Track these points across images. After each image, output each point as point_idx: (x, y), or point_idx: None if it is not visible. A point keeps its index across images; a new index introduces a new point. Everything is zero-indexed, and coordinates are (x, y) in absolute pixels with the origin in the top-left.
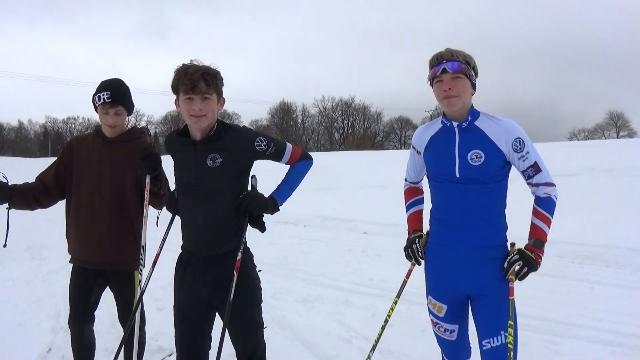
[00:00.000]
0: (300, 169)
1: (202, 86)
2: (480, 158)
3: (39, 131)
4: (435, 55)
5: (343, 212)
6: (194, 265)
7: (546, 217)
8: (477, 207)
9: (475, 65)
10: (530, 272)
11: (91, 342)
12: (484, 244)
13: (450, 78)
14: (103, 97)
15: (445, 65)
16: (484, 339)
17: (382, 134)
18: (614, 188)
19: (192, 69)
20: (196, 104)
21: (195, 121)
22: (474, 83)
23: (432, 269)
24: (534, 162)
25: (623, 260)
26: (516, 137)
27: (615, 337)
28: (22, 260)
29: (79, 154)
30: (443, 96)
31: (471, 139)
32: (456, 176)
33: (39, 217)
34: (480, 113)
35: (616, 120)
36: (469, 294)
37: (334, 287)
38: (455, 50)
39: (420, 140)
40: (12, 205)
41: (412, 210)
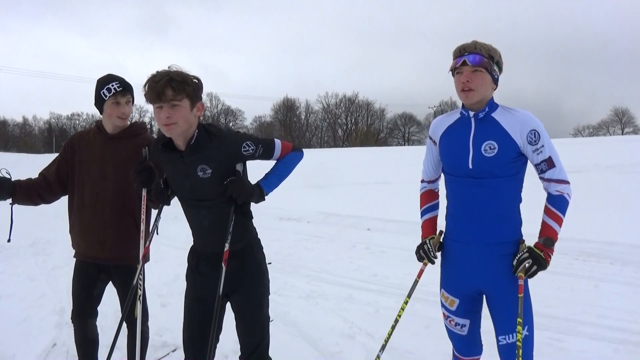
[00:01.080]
0: (290, 159)
1: (169, 93)
2: (494, 149)
3: (43, 127)
4: (458, 47)
5: (346, 208)
6: (206, 258)
7: (558, 216)
8: (491, 203)
9: (499, 60)
10: (539, 271)
11: (94, 337)
12: (498, 240)
13: (470, 71)
14: (114, 87)
15: (466, 57)
16: (500, 335)
17: (386, 131)
18: (619, 185)
19: (158, 76)
20: (164, 111)
21: (166, 130)
22: (495, 78)
23: (446, 263)
24: (548, 157)
25: (628, 257)
26: (531, 129)
27: (620, 334)
28: (26, 255)
29: (81, 150)
30: (461, 88)
31: (486, 130)
32: (469, 167)
33: (44, 212)
34: (498, 105)
35: (621, 117)
36: (483, 290)
37: (337, 283)
38: (481, 44)
39: (436, 129)
40: (15, 200)
41: (426, 217)
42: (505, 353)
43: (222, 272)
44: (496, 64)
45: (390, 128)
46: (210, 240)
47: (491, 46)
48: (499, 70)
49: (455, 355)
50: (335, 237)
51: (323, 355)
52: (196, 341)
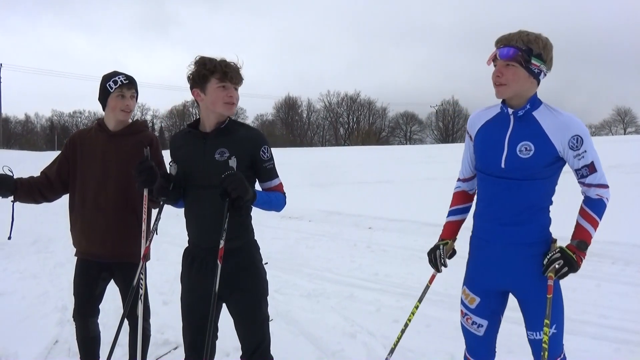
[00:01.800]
0: (276, 195)
1: (236, 76)
2: (530, 151)
3: (45, 125)
4: (498, 38)
5: (348, 207)
6: (201, 258)
7: (594, 219)
8: (520, 204)
9: (542, 52)
10: (569, 273)
11: (96, 335)
12: (525, 241)
13: (503, 65)
14: (120, 80)
15: (498, 50)
16: (529, 330)
17: (388, 130)
18: (621, 184)
19: (225, 60)
20: (232, 91)
21: (228, 108)
22: (534, 72)
23: (472, 261)
24: (591, 162)
25: (630, 257)
26: (575, 134)
27: (621, 334)
28: (28, 253)
29: (83, 148)
30: (493, 82)
31: (525, 130)
32: (501, 167)
33: (46, 210)
34: (542, 103)
35: (623, 117)
36: (510, 289)
37: (338, 282)
38: (520, 34)
39: (474, 124)
40: (16, 198)
41: (451, 219)
42: (535, 346)
43: (218, 269)
44: (537, 56)
45: (392, 127)
46: (208, 234)
47: (535, 37)
48: (544, 64)
49: (466, 357)
50: (337, 236)
51: (324, 353)
52: (198, 344)
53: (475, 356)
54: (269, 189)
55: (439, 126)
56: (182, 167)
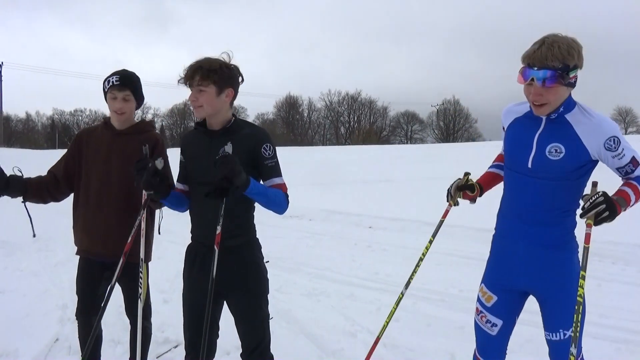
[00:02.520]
0: (277, 194)
1: (197, 79)
2: (560, 153)
3: (46, 123)
4: (528, 53)
5: (349, 206)
6: (202, 255)
7: (638, 188)
8: (545, 204)
9: (577, 63)
10: (609, 220)
11: (98, 333)
12: (548, 243)
13: (541, 87)
14: (112, 80)
15: (534, 74)
16: (546, 331)
17: (388, 129)
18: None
19: (194, 63)
20: (191, 94)
21: (195, 111)
22: (572, 83)
23: (492, 259)
24: (632, 157)
25: (630, 257)
26: (610, 136)
27: (622, 334)
28: (29, 251)
29: (88, 146)
30: (532, 101)
31: (556, 131)
32: (528, 166)
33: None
34: (575, 104)
35: (624, 116)
36: (530, 290)
37: (339, 281)
38: (554, 50)
39: (506, 118)
40: (26, 198)
41: (490, 170)
42: (551, 347)
43: (215, 254)
44: (573, 68)
45: (392, 126)
46: (210, 230)
47: (568, 47)
48: (580, 67)
49: (475, 357)
50: (337, 235)
51: (324, 352)
52: (198, 341)
53: (485, 356)
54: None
55: (439, 125)
56: (189, 164)
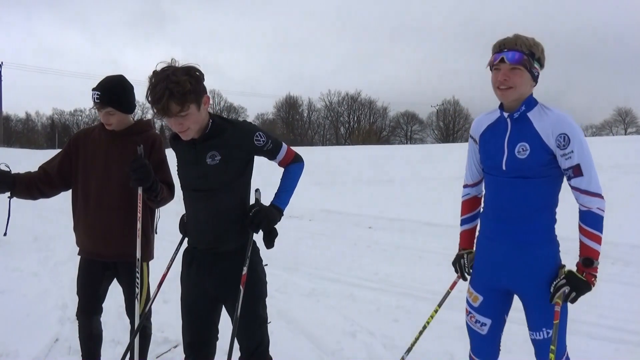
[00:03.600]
0: (294, 173)
1: (174, 109)
2: (526, 151)
3: (46, 123)
4: (498, 42)
5: (348, 206)
6: (199, 260)
7: (591, 233)
8: (522, 203)
9: (540, 56)
10: (580, 296)
11: (99, 333)
12: (529, 240)
13: (508, 69)
14: (94, 97)
15: (504, 54)
16: (530, 330)
17: (388, 129)
18: (622, 185)
19: (158, 92)
20: (174, 124)
21: (182, 136)
22: (535, 75)
23: (477, 260)
24: (577, 164)
25: (629, 257)
26: (561, 133)
27: (620, 334)
28: (29, 251)
29: (86, 147)
30: (497, 85)
31: (520, 131)
32: (503, 168)
33: (46, 208)
34: (537, 103)
35: (624, 117)
36: (513, 289)
37: (339, 281)
38: (522, 39)
39: (477, 128)
40: (14, 194)
41: (465, 227)
42: (536, 346)
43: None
44: (537, 60)
45: (392, 126)
46: (204, 236)
47: (534, 41)
48: (540, 67)
49: (471, 357)
50: (337, 235)
51: (324, 353)
52: (196, 344)
53: (479, 355)
54: (282, 161)
55: (439, 126)
56: (179, 170)
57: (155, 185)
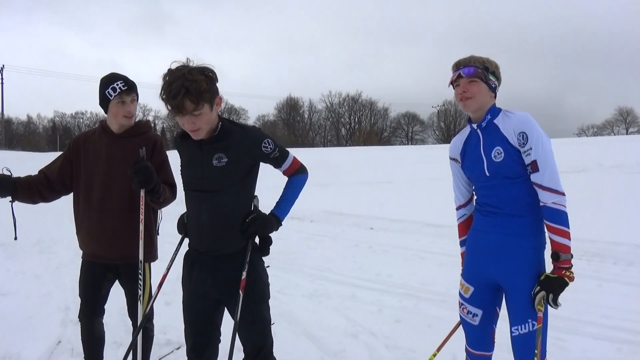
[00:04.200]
0: (297, 184)
1: (188, 106)
2: (501, 154)
3: (47, 126)
4: (455, 62)
5: (350, 207)
6: (201, 263)
7: (554, 228)
8: (509, 200)
9: (495, 70)
10: (559, 293)
11: (101, 335)
12: (516, 232)
13: (466, 82)
14: (119, 86)
15: (461, 70)
16: (513, 326)
17: (389, 130)
18: (623, 184)
19: (174, 89)
20: (187, 122)
21: (193, 135)
22: (492, 87)
23: (467, 252)
24: (533, 160)
25: (632, 257)
26: (520, 131)
27: (623, 334)
28: (32, 253)
29: (87, 150)
30: (459, 98)
31: (492, 137)
32: (486, 174)
33: (49, 211)
34: (500, 111)
35: (625, 116)
36: (500, 282)
37: (340, 282)
38: (476, 57)
39: (455, 149)
40: (15, 198)
41: (464, 249)
42: (518, 344)
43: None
44: (492, 74)
45: (393, 127)
46: (206, 238)
47: (487, 59)
48: (497, 80)
49: (466, 349)
50: (339, 236)
51: (326, 354)
52: (199, 347)
53: (473, 346)
54: (287, 170)
55: (440, 126)
56: (183, 171)
57: (157, 187)
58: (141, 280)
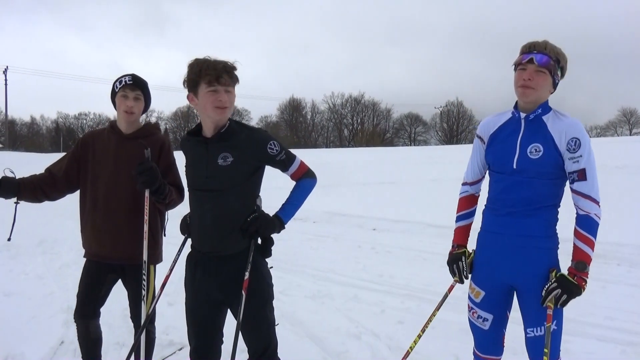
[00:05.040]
0: (305, 187)
1: (226, 78)
2: (539, 152)
3: (50, 127)
4: (528, 43)
5: (352, 208)
6: (203, 264)
7: (587, 237)
8: (528, 199)
9: (564, 65)
10: (570, 299)
11: (97, 336)
12: (530, 234)
13: (534, 70)
14: (125, 79)
15: (534, 55)
16: (528, 328)
17: (392, 131)
18: (627, 185)
19: (214, 62)
20: (222, 95)
21: (220, 112)
22: (556, 82)
23: (478, 255)
24: (582, 169)
25: (636, 258)
26: (573, 137)
27: (627, 336)
28: (34, 254)
29: (95, 149)
30: (520, 84)
31: (534, 132)
32: (513, 167)
33: (51, 211)
34: (551, 109)
35: (629, 117)
36: (513, 284)
37: (343, 283)
38: (551, 45)
39: (487, 128)
40: (20, 199)
41: (460, 224)
42: (532, 345)
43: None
44: (560, 68)
45: (396, 128)
46: (210, 238)
47: (561, 50)
48: (561, 76)
49: (474, 353)
50: (341, 237)
51: (329, 354)
52: (202, 349)
53: (482, 350)
54: (294, 174)
55: (443, 127)
56: (187, 170)
57: (162, 188)
58: (145, 281)
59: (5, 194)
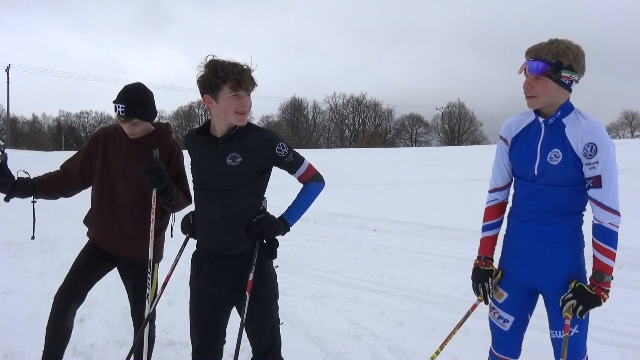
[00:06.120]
0: (312, 191)
1: (249, 83)
2: (558, 158)
3: (52, 125)
4: (528, 48)
5: (353, 209)
6: (209, 264)
7: (601, 246)
8: (551, 207)
9: (572, 63)
10: (588, 309)
11: (69, 326)
12: (555, 241)
13: (533, 78)
14: (118, 110)
15: (527, 64)
16: (551, 329)
17: (393, 132)
18: (629, 188)
19: (238, 66)
20: (245, 100)
21: (241, 118)
22: (565, 84)
23: (504, 258)
24: (597, 175)
25: (636, 261)
26: (590, 142)
27: (628, 339)
28: (35, 252)
29: (107, 148)
30: (524, 92)
31: (554, 137)
32: (534, 173)
33: (52, 209)
34: (573, 110)
35: (631, 120)
36: (538, 288)
37: (343, 283)
38: (550, 47)
39: (510, 129)
40: (36, 197)
41: (487, 234)
42: (555, 345)
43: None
44: (567, 68)
45: (397, 129)
46: (217, 238)
47: (565, 48)
48: (576, 74)
49: (491, 352)
50: (342, 238)
51: (329, 355)
52: (205, 348)
53: (499, 350)
54: (301, 176)
55: (444, 128)
56: (193, 168)
57: (169, 188)
58: (149, 279)
59: (21, 194)
